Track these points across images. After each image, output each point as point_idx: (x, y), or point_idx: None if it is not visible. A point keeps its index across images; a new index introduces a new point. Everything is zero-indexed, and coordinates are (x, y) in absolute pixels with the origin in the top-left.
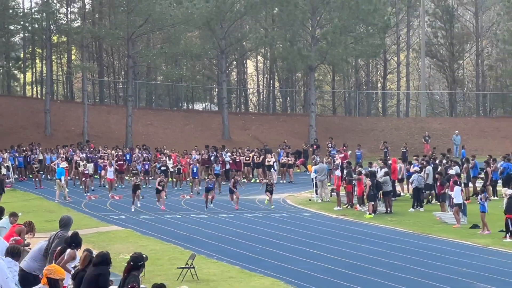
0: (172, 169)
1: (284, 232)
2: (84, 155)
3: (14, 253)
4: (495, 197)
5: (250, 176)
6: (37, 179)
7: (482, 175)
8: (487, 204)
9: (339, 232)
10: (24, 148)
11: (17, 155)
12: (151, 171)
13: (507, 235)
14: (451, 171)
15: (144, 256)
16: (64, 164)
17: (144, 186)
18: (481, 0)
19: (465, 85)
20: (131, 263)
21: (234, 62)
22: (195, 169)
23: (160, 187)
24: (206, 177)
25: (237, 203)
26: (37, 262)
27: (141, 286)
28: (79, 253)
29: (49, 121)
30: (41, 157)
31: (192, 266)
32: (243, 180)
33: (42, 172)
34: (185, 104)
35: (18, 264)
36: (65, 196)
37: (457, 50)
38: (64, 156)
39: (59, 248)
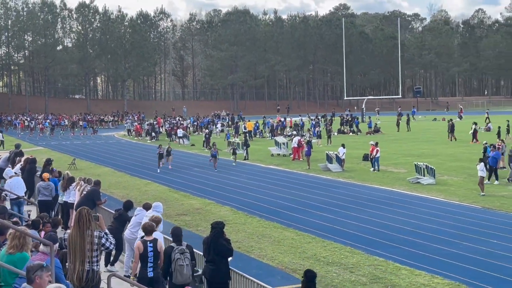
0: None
1: (113, 150)
2: (28, 117)
3: None
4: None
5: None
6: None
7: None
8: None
9: (134, 147)
10: None
11: None
12: (56, 126)
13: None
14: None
15: (52, 159)
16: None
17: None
18: (194, 51)
19: (189, 87)
20: (46, 162)
21: (91, 78)
22: (85, 125)
23: (168, 152)
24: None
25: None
26: (4, 162)
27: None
28: (23, 159)
29: (10, 103)
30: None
31: (74, 163)
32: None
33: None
34: (71, 95)
35: None
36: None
37: (186, 72)
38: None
39: (13, 156)
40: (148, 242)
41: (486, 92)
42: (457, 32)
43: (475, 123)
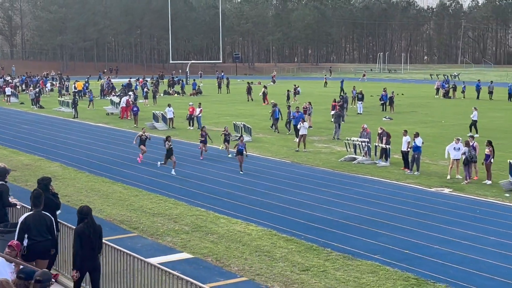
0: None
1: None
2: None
3: None
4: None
5: None
6: None
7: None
8: None
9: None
10: None
11: None
12: None
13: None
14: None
15: None
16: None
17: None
18: (22, 12)
19: (18, 46)
20: None
21: None
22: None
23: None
24: None
25: None
26: None
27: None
28: None
29: None
30: None
31: None
32: None
33: None
34: None
35: None
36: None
37: (15, 32)
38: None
39: None
40: None
41: (296, 59)
42: (272, 4)
43: (265, 86)
